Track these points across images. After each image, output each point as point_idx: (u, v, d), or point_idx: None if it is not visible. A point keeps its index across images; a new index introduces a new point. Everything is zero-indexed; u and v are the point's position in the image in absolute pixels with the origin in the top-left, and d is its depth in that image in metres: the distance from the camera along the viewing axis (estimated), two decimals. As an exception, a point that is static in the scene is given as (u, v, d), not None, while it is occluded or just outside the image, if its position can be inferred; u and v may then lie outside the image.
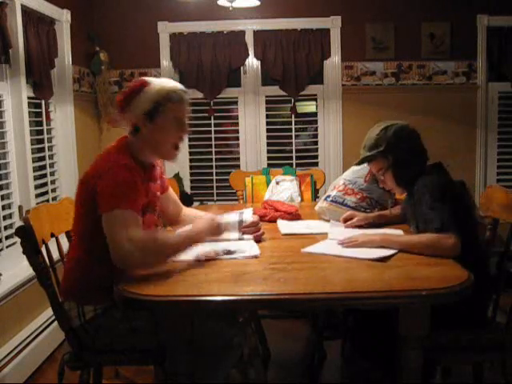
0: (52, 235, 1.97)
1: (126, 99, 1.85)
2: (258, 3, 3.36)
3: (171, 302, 1.47)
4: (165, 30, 4.08)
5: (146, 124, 1.83)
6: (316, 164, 4.21)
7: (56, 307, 1.86)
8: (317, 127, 4.22)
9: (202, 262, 1.76)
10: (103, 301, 1.81)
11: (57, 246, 2.01)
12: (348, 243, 1.91)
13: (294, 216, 2.44)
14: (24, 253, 1.81)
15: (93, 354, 1.84)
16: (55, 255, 1.98)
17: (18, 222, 2.88)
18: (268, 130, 4.23)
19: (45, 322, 2.94)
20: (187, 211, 2.30)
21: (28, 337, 2.78)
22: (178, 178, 3.95)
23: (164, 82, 1.90)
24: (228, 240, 1.95)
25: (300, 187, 3.12)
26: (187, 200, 3.83)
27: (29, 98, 3.07)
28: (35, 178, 3.13)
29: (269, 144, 4.24)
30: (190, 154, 4.25)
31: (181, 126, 1.89)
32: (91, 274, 1.81)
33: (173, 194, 2.25)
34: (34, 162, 3.12)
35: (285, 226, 2.29)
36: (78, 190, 1.84)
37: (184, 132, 1.91)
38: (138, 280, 1.60)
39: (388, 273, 1.61)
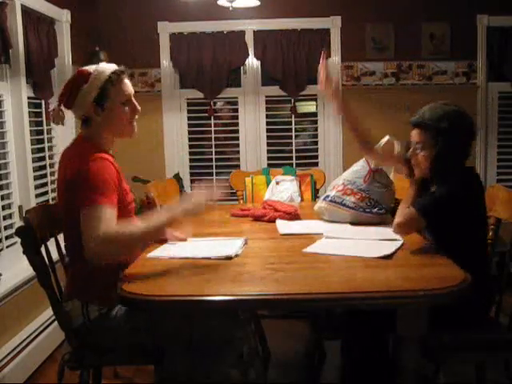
0: (51, 235, 1.96)
1: (71, 93, 1.84)
2: (258, 3, 3.37)
3: (170, 301, 1.47)
4: (165, 29, 4.08)
5: (98, 111, 1.84)
6: (316, 164, 4.21)
7: (56, 307, 1.85)
8: (317, 127, 4.22)
9: (179, 259, 1.79)
10: (108, 300, 1.79)
11: (55, 246, 2.00)
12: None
13: (293, 216, 2.44)
14: (24, 253, 1.80)
15: (93, 354, 1.84)
16: (54, 255, 1.97)
17: (18, 222, 2.88)
18: (268, 130, 4.23)
19: (45, 321, 2.94)
20: None
21: (28, 337, 2.79)
22: (178, 177, 3.95)
23: (100, 67, 1.88)
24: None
25: (300, 187, 3.12)
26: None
27: (29, 98, 3.07)
28: (35, 178, 3.13)
29: (269, 144, 4.24)
30: (190, 154, 4.25)
31: (130, 104, 1.91)
32: (98, 273, 1.80)
33: None
34: (33, 162, 3.12)
35: (284, 226, 2.29)
36: (60, 193, 1.86)
37: (135, 108, 1.93)
38: (138, 280, 1.60)
39: (386, 273, 1.61)
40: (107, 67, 1.87)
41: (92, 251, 1.63)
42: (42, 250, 1.87)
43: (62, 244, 2.03)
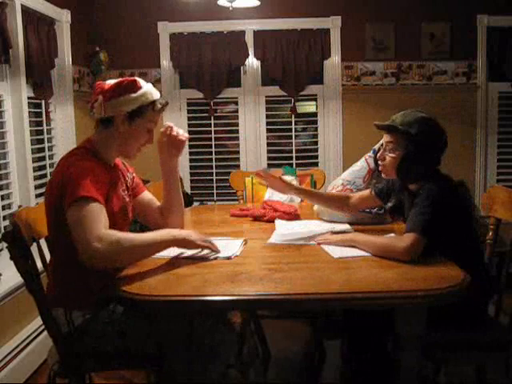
0: (33, 239, 1.87)
1: (118, 90, 1.82)
2: (258, 3, 3.37)
3: (169, 301, 1.47)
4: (165, 29, 4.08)
5: (125, 123, 1.83)
6: (316, 164, 4.21)
7: (45, 314, 1.77)
8: (317, 127, 4.22)
9: (179, 259, 1.78)
10: (91, 305, 1.78)
11: (38, 251, 1.93)
12: (322, 241, 1.97)
13: (292, 216, 2.44)
14: (11, 258, 1.72)
15: (81, 360, 1.79)
16: (38, 260, 1.88)
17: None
18: (268, 130, 4.23)
19: (45, 321, 2.94)
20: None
21: (28, 337, 2.79)
22: (178, 178, 3.94)
23: (151, 87, 1.90)
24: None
25: (300, 187, 3.11)
26: (187, 200, 3.83)
27: (29, 98, 3.07)
28: (35, 178, 3.13)
29: (269, 144, 4.24)
30: (190, 154, 4.25)
31: (150, 135, 1.94)
32: (77, 278, 1.77)
33: (148, 195, 2.16)
34: (34, 161, 3.12)
35: (282, 226, 2.28)
36: (46, 197, 1.81)
37: (151, 139, 1.95)
38: (137, 280, 1.60)
39: (384, 273, 1.61)
40: (154, 91, 1.90)
41: (96, 251, 1.54)
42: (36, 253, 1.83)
43: (44, 249, 1.97)
